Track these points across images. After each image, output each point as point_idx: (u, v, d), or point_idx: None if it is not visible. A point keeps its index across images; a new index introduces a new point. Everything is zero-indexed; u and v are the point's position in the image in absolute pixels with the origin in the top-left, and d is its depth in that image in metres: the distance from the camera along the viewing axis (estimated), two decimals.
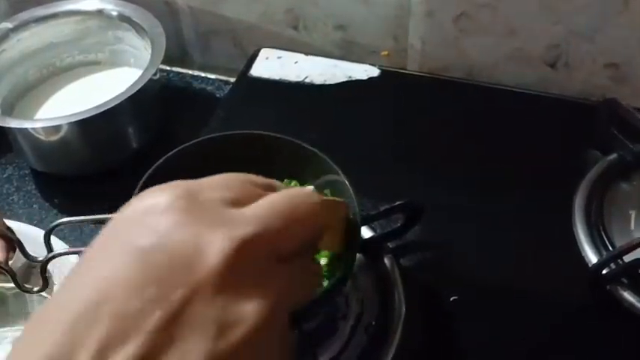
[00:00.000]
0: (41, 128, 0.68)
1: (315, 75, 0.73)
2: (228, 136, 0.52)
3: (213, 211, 0.26)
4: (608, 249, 0.55)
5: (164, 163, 0.48)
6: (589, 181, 0.61)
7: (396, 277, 0.53)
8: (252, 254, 0.25)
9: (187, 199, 0.26)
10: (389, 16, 0.73)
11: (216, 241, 0.24)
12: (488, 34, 0.71)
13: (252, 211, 0.26)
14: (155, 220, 0.25)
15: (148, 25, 0.74)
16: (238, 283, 0.24)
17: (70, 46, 0.79)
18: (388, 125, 0.69)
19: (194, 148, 0.49)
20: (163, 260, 0.24)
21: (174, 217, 0.25)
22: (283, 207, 0.27)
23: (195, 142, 0.49)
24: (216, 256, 0.24)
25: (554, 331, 0.52)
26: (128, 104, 0.68)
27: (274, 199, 0.27)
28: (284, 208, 0.27)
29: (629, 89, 0.71)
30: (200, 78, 0.83)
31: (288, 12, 0.77)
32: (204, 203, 0.26)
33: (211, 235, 0.25)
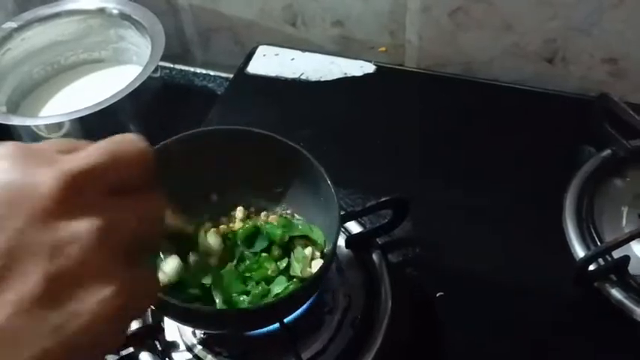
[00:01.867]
0: (43, 125, 0.70)
1: (310, 72, 0.74)
2: (212, 131, 0.53)
3: (45, 155, 0.28)
4: (597, 245, 0.55)
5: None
6: (581, 176, 0.60)
7: (383, 272, 0.54)
8: (81, 185, 0.27)
9: (20, 147, 0.28)
10: (385, 12, 0.73)
11: (46, 175, 0.27)
12: (484, 29, 0.71)
13: (79, 154, 0.29)
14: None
15: (148, 23, 0.75)
16: (70, 209, 0.27)
17: (74, 44, 0.80)
18: (383, 121, 0.70)
19: (178, 144, 0.50)
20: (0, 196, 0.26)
21: (9, 161, 0.28)
22: (108, 147, 0.30)
23: (179, 137, 0.50)
24: (47, 186, 0.27)
25: (542, 328, 0.52)
26: (128, 101, 0.69)
27: (100, 143, 0.30)
28: (109, 147, 0.30)
29: (629, 84, 0.70)
30: (201, 75, 0.84)
31: (286, 8, 0.78)
32: (35, 151, 0.29)
33: (42, 171, 0.27)
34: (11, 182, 0.27)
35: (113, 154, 0.29)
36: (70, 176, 0.27)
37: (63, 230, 0.26)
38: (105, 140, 0.30)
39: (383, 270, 0.54)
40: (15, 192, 0.26)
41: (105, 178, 0.29)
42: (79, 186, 0.27)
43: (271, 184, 0.53)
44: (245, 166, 0.52)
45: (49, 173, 0.27)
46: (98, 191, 0.28)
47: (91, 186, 0.28)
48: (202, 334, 0.50)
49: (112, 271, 0.27)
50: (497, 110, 0.69)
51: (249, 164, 0.52)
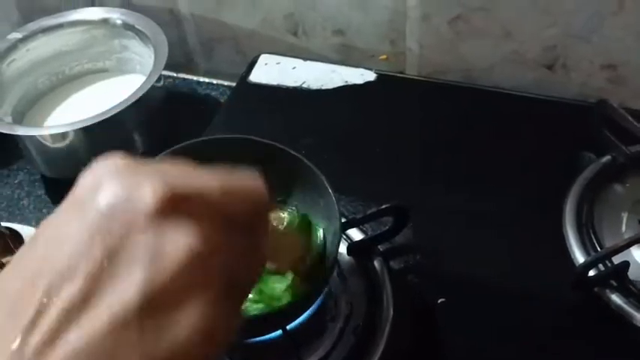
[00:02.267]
0: (49, 135, 0.70)
1: (312, 80, 0.75)
2: (213, 140, 0.53)
3: (153, 166, 0.27)
4: (597, 251, 0.55)
5: None
6: (581, 182, 0.61)
7: (384, 279, 0.54)
8: (188, 202, 0.26)
9: (127, 159, 0.27)
10: (385, 21, 0.74)
11: (153, 184, 0.25)
12: (484, 37, 0.72)
13: (194, 172, 0.27)
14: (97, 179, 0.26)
15: (152, 32, 0.76)
16: (175, 221, 0.25)
17: (78, 54, 0.81)
18: (384, 129, 0.70)
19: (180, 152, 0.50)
20: (104, 215, 0.25)
21: (116, 172, 0.26)
22: (224, 176, 0.28)
23: (181, 146, 0.51)
24: (152, 194, 0.25)
25: (542, 333, 0.53)
26: (132, 111, 0.69)
27: (216, 170, 0.28)
28: (225, 177, 0.28)
29: (628, 90, 0.71)
30: (205, 84, 0.85)
31: (287, 18, 0.78)
32: (142, 165, 0.27)
33: (149, 180, 0.26)
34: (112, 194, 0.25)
35: (229, 185, 0.27)
36: (177, 191, 0.25)
37: (164, 240, 0.25)
38: (222, 169, 0.28)
39: (384, 277, 0.55)
40: (121, 199, 0.25)
41: (216, 205, 0.27)
42: (185, 202, 0.25)
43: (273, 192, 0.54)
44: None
45: (156, 182, 0.25)
46: (207, 215, 0.26)
47: (200, 208, 0.26)
48: None
49: (206, 295, 0.25)
50: (498, 117, 0.70)
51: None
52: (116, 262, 0.24)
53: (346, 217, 0.57)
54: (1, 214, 0.72)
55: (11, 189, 0.75)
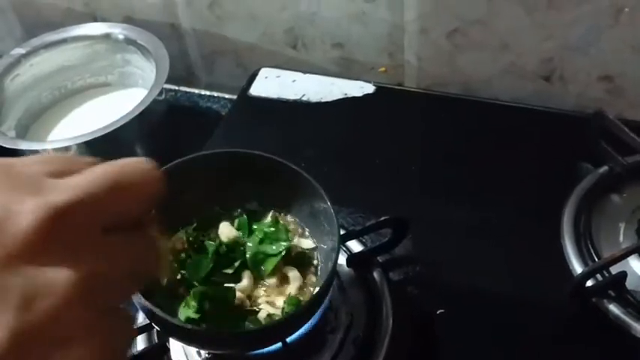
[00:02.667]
0: (51, 150, 0.71)
1: (311, 93, 0.75)
2: (214, 154, 0.54)
3: (29, 180, 0.24)
4: (595, 261, 0.56)
5: None
6: (579, 193, 0.61)
7: (384, 290, 0.55)
8: (66, 222, 0.23)
9: (3, 170, 0.24)
10: (384, 34, 0.75)
11: (27, 209, 0.23)
12: (482, 50, 0.73)
13: (72, 180, 0.25)
14: None
15: (153, 47, 0.77)
16: (50, 251, 0.23)
17: (81, 69, 0.82)
18: (383, 141, 0.71)
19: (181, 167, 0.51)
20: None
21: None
22: (108, 175, 0.25)
23: (181, 161, 0.51)
24: (25, 223, 0.22)
25: (541, 344, 0.53)
26: (134, 124, 0.70)
27: (100, 168, 0.26)
28: (110, 175, 0.25)
29: (625, 101, 0.71)
30: (206, 97, 0.86)
31: (287, 32, 0.79)
32: (20, 174, 0.24)
33: (23, 202, 0.23)
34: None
35: (114, 183, 0.25)
36: (53, 212, 0.23)
37: (39, 277, 0.22)
38: (108, 164, 0.26)
39: (384, 288, 0.55)
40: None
41: (98, 213, 0.25)
42: (61, 224, 0.23)
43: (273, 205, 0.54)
44: (247, 189, 0.53)
45: (30, 206, 0.23)
46: (85, 229, 0.24)
47: (80, 222, 0.24)
48: (207, 354, 0.51)
49: (89, 327, 0.23)
50: (496, 128, 0.70)
51: (250, 186, 0.53)
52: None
53: (346, 228, 0.58)
54: None
55: None
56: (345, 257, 0.56)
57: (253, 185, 0.52)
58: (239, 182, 0.52)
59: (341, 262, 0.55)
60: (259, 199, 0.54)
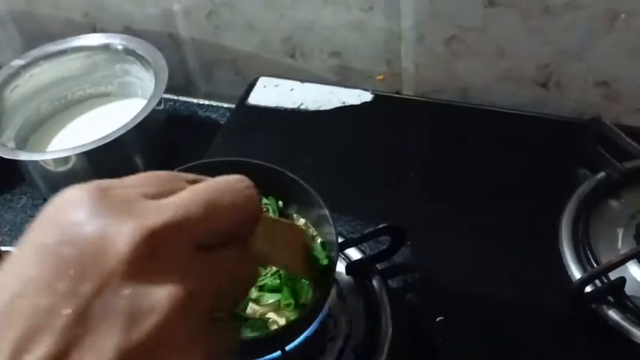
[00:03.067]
0: (51, 160, 0.72)
1: (309, 101, 0.76)
2: (212, 163, 0.54)
3: (127, 202, 0.25)
4: (593, 267, 0.56)
5: None
6: (577, 199, 0.61)
7: (383, 298, 0.55)
8: (163, 243, 0.24)
9: (99, 193, 0.25)
10: (381, 42, 0.75)
11: (125, 231, 0.24)
12: (478, 56, 0.73)
13: (170, 200, 0.25)
14: (64, 215, 0.24)
15: (152, 57, 0.78)
16: (150, 271, 0.24)
17: (80, 79, 0.83)
18: (381, 148, 0.71)
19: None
20: (72, 254, 0.23)
21: (84, 211, 0.24)
22: (206, 194, 0.26)
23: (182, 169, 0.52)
24: (125, 245, 0.23)
25: (541, 351, 0.53)
26: (133, 134, 0.71)
27: (198, 186, 0.26)
28: (207, 194, 0.26)
29: (622, 106, 0.71)
30: (205, 106, 0.86)
31: (285, 41, 0.80)
32: (119, 196, 0.25)
33: (121, 225, 0.24)
34: (85, 238, 0.24)
35: (213, 202, 0.25)
36: (152, 233, 0.24)
37: (141, 297, 0.23)
38: (208, 183, 0.27)
39: (383, 296, 0.55)
40: (89, 250, 0.23)
41: (195, 232, 0.25)
42: (161, 245, 0.24)
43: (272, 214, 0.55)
44: None
45: (128, 228, 0.24)
46: (184, 249, 0.25)
47: (176, 243, 0.24)
48: None
49: (193, 342, 0.24)
50: (494, 135, 0.70)
51: None
52: (90, 323, 0.23)
53: (344, 236, 0.58)
54: (5, 239, 0.72)
55: (14, 213, 0.76)
56: (344, 265, 0.56)
57: None
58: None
59: (340, 269, 0.56)
60: None
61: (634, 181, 0.61)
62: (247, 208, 0.27)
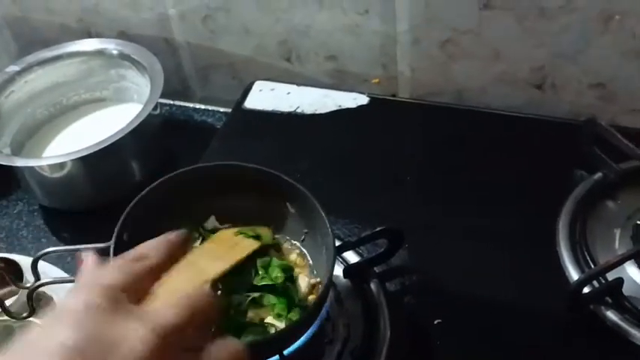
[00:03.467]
0: (46, 166, 0.71)
1: (306, 105, 0.76)
2: (209, 167, 0.54)
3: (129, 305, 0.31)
4: (591, 267, 0.56)
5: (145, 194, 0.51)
6: (574, 200, 0.61)
7: (381, 301, 0.55)
8: (169, 342, 0.30)
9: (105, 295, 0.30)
10: (377, 46, 0.76)
11: (137, 332, 0.29)
12: (474, 59, 0.73)
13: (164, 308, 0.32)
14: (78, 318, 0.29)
15: (148, 62, 0.77)
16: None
17: (76, 85, 0.83)
18: (378, 151, 0.71)
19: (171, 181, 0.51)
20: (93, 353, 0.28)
21: (94, 314, 0.29)
22: (189, 303, 0.32)
23: (176, 174, 0.52)
24: (140, 344, 0.28)
25: (539, 351, 0.53)
26: (129, 139, 0.70)
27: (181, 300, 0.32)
28: (190, 304, 0.32)
29: (618, 107, 0.72)
30: (201, 110, 0.86)
31: (280, 44, 0.80)
32: (119, 299, 0.31)
33: (132, 326, 0.29)
34: (101, 338, 0.28)
35: (193, 310, 0.32)
36: (162, 333, 0.29)
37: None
38: (184, 296, 0.33)
39: (381, 299, 0.55)
40: (107, 348, 0.28)
41: (186, 334, 0.31)
42: (168, 343, 0.30)
43: (269, 218, 0.54)
44: (243, 201, 0.53)
45: (140, 330, 0.29)
46: (180, 348, 0.31)
47: (176, 343, 0.30)
48: None
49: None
50: (491, 137, 0.70)
51: (246, 199, 0.53)
52: None
53: (341, 239, 0.58)
54: (0, 246, 0.72)
55: (10, 219, 0.76)
56: (342, 268, 0.56)
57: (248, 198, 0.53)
58: (233, 194, 0.53)
59: (338, 273, 0.55)
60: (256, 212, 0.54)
61: (630, 181, 0.61)
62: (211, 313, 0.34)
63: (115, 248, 0.47)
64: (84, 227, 0.74)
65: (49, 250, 0.50)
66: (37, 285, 0.49)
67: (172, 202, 0.52)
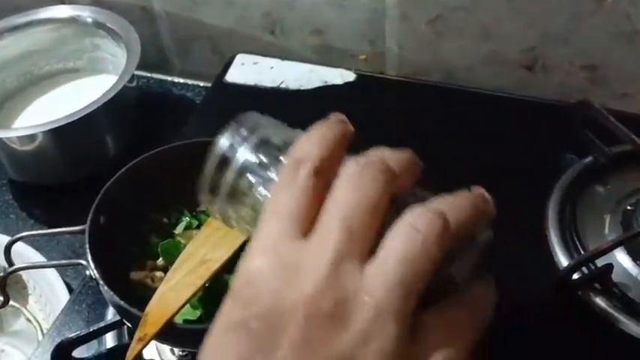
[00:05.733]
0: (16, 137, 0.68)
1: (290, 80, 0.73)
2: (188, 144, 0.52)
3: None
4: (580, 254, 0.54)
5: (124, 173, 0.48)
6: (563, 184, 0.60)
7: None
8: None
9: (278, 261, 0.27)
10: (364, 21, 0.73)
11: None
12: (463, 37, 0.71)
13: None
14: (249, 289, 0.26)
15: (124, 31, 0.74)
16: None
17: (47, 54, 0.79)
18: (364, 130, 0.68)
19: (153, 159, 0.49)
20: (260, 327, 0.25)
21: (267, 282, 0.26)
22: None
23: (156, 152, 0.49)
24: None
25: (526, 337, 0.52)
26: (103, 112, 0.68)
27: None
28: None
29: (607, 91, 0.70)
30: (180, 84, 0.83)
31: (264, 16, 0.77)
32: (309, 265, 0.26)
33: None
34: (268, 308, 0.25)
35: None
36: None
37: None
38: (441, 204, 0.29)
39: None
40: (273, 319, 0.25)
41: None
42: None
43: None
44: None
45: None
46: None
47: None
48: (181, 351, 0.49)
49: None
50: (479, 118, 0.69)
51: None
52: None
53: None
54: None
55: None
56: None
57: None
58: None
59: None
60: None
61: (621, 165, 0.60)
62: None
63: (90, 232, 0.45)
64: (55, 203, 0.71)
65: (22, 235, 0.48)
66: (10, 271, 0.46)
67: (154, 182, 0.49)
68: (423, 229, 0.26)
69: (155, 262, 0.49)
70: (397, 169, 0.30)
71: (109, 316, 0.53)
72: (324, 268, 0.25)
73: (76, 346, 0.48)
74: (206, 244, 0.45)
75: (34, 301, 0.65)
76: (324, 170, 0.28)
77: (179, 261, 0.44)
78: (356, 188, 0.27)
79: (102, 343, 0.51)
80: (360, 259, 0.26)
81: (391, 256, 0.26)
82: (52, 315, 0.61)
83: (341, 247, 0.25)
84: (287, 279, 0.25)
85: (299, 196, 0.27)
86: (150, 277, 0.48)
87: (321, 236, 0.26)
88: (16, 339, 0.67)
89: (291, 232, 0.27)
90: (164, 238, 0.49)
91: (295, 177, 0.28)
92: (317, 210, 0.27)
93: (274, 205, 0.28)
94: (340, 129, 0.32)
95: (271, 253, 0.26)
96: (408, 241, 0.26)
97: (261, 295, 0.25)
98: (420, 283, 0.25)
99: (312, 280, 0.25)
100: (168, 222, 0.51)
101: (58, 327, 0.54)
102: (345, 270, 0.25)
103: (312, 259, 0.25)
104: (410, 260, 0.25)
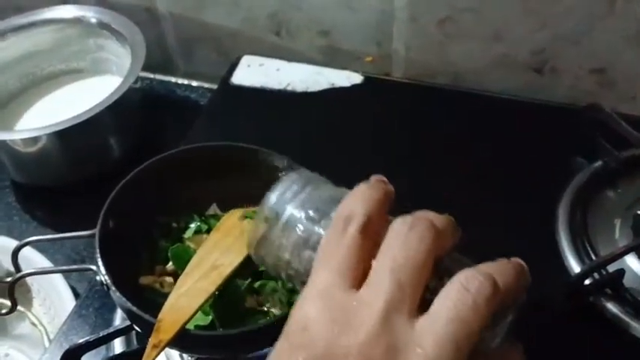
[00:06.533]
0: (19, 140, 0.67)
1: (297, 82, 0.72)
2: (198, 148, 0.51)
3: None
4: (591, 259, 0.54)
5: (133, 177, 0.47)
6: (573, 188, 0.60)
7: None
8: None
9: (337, 307, 0.28)
10: (372, 22, 0.72)
11: None
12: (473, 39, 0.70)
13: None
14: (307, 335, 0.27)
15: (128, 32, 0.73)
16: None
17: (50, 54, 0.78)
18: (370, 133, 0.68)
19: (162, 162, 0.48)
20: None
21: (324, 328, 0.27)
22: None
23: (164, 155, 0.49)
24: None
25: (538, 343, 0.51)
26: (108, 113, 0.67)
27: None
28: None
29: (616, 94, 0.70)
30: (184, 86, 0.83)
31: (270, 17, 0.76)
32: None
33: None
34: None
35: None
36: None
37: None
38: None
39: None
40: None
41: None
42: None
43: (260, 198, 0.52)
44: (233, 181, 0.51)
45: None
46: None
47: None
48: (191, 357, 0.49)
49: None
50: (487, 121, 0.68)
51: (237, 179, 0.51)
52: None
53: None
54: None
55: None
56: None
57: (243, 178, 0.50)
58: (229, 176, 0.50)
59: None
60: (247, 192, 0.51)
61: (632, 169, 0.60)
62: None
63: (101, 236, 0.44)
64: (58, 205, 0.71)
65: (30, 240, 0.47)
66: (19, 277, 0.46)
67: (163, 186, 0.49)
68: (474, 291, 0.27)
69: (164, 267, 0.48)
70: (441, 230, 0.31)
71: (116, 321, 0.53)
72: (376, 317, 0.26)
73: (84, 351, 0.47)
74: (217, 250, 0.45)
75: (39, 304, 0.65)
76: (370, 227, 0.30)
77: (190, 266, 0.43)
78: (405, 244, 0.29)
79: (110, 349, 0.51)
80: (409, 313, 0.27)
81: (443, 313, 0.27)
82: (56, 319, 0.61)
83: (392, 297, 0.27)
84: (341, 326, 0.27)
85: (347, 251, 0.29)
86: (159, 281, 0.47)
87: (373, 287, 0.28)
88: (20, 342, 0.66)
89: (341, 284, 0.28)
90: (173, 243, 0.49)
91: (344, 233, 0.30)
92: (364, 266, 0.29)
93: (325, 258, 0.30)
94: (383, 189, 0.34)
95: (325, 301, 0.28)
96: (460, 300, 0.27)
97: (316, 341, 0.26)
98: (469, 342, 0.27)
99: (365, 328, 0.26)
100: (177, 226, 0.51)
101: (65, 332, 0.53)
102: (395, 321, 0.27)
103: (364, 308, 0.27)
104: (461, 319, 0.27)
